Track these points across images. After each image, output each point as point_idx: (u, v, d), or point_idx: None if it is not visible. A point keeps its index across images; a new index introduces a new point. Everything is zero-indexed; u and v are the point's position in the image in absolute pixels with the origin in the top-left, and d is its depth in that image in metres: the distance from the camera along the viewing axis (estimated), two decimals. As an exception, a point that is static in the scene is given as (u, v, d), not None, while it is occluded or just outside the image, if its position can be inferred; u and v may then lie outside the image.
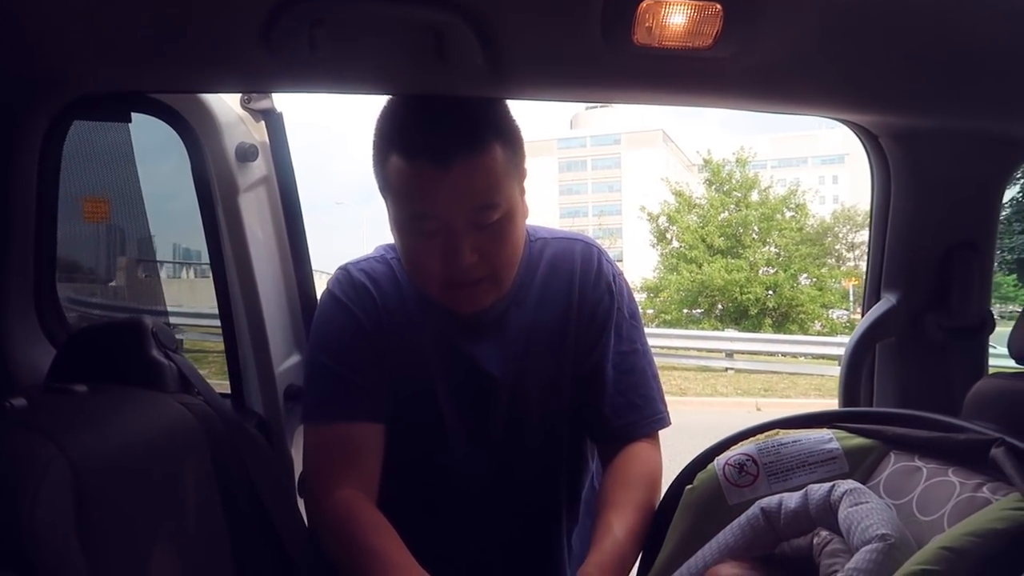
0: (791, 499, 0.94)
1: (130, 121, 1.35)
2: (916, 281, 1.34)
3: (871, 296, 1.39)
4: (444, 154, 1.03)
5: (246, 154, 1.39)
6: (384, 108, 1.11)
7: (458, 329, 1.20)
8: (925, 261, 1.32)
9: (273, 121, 1.46)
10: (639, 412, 1.22)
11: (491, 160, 1.06)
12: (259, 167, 1.44)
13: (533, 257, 1.23)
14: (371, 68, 1.04)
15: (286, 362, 1.53)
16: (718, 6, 0.88)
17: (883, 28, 0.93)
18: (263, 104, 1.43)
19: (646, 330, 1.32)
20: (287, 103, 1.24)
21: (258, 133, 1.45)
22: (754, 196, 19.00)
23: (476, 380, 1.21)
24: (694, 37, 0.92)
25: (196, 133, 1.35)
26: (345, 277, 1.22)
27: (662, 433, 1.26)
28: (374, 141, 1.10)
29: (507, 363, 1.21)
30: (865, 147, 1.33)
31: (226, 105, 1.38)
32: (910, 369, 1.36)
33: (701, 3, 0.88)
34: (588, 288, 1.23)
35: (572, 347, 1.22)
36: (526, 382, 1.22)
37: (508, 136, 1.09)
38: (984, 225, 1.33)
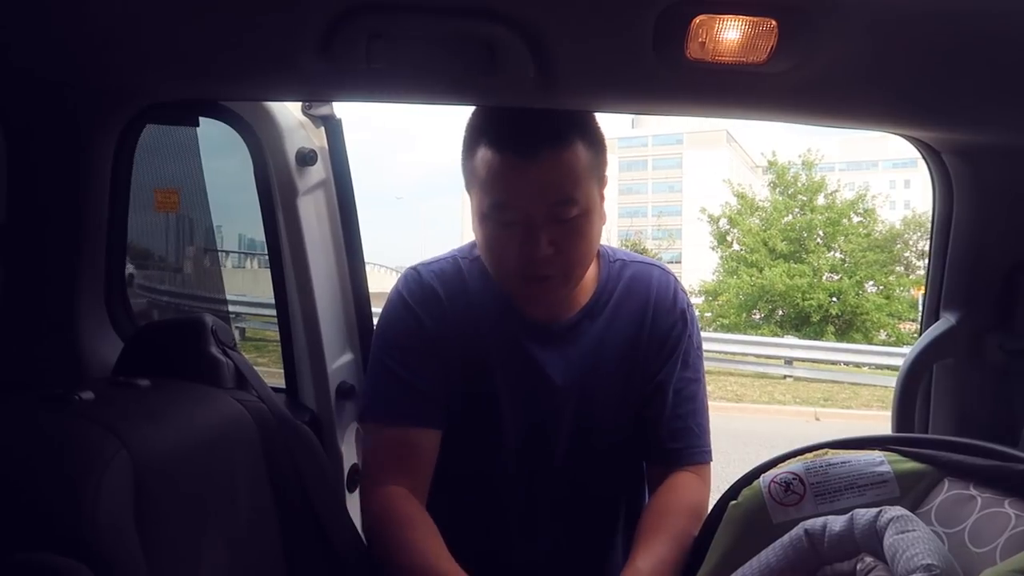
0: (836, 522, 0.92)
1: (198, 125, 1.41)
2: (978, 300, 1.29)
3: (929, 315, 1.35)
4: (530, 147, 1.08)
5: (306, 159, 1.43)
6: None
7: (527, 336, 1.22)
8: (988, 279, 1.27)
9: (332, 127, 1.50)
10: (694, 438, 1.24)
11: (574, 157, 1.10)
12: (318, 171, 1.48)
13: (612, 275, 1.26)
14: (425, 79, 1.06)
15: (339, 360, 1.56)
16: (773, 22, 0.87)
17: (942, 43, 0.90)
18: (323, 111, 1.47)
19: (704, 334, 1.33)
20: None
21: (318, 138, 1.49)
22: (820, 200, 18.48)
23: (540, 388, 1.23)
24: (748, 52, 0.91)
25: (259, 138, 1.40)
26: (414, 277, 1.25)
27: (715, 438, 1.27)
28: (465, 135, 1.16)
29: (573, 374, 1.22)
30: (926, 161, 1.29)
31: (288, 111, 1.43)
32: (969, 392, 1.31)
33: (756, 18, 0.87)
34: (663, 312, 1.25)
35: (640, 365, 1.24)
36: (591, 395, 1.23)
37: (592, 138, 1.13)
38: None
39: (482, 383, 1.23)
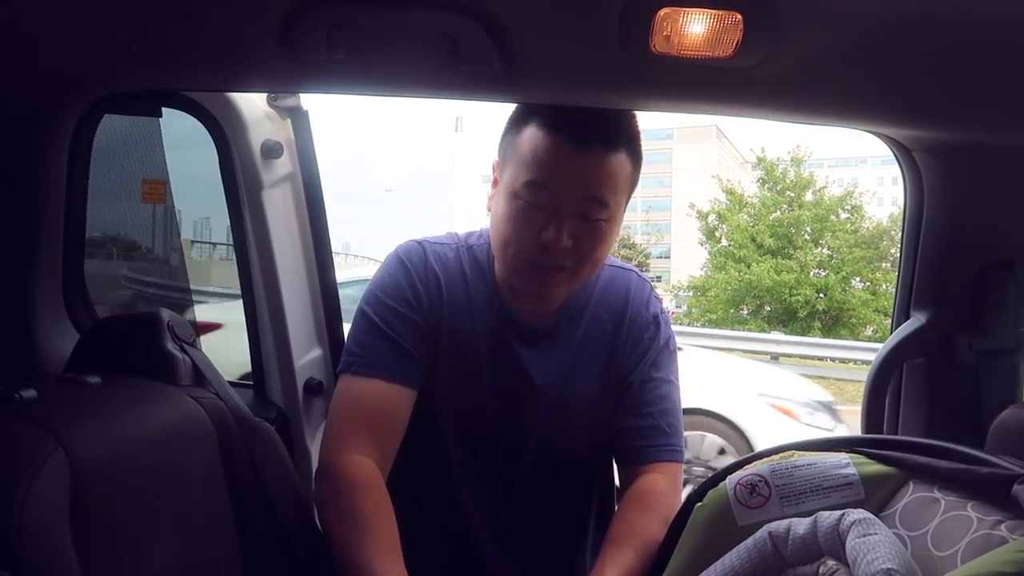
0: (800, 525, 0.91)
1: (160, 116, 1.38)
2: (948, 300, 1.28)
3: (900, 315, 1.34)
4: (585, 137, 1.09)
5: (271, 151, 1.41)
6: None
7: (513, 334, 1.23)
8: (959, 279, 1.27)
9: (299, 119, 1.48)
10: (664, 437, 1.24)
11: (618, 163, 1.12)
12: (284, 164, 1.46)
13: (589, 279, 1.26)
14: (388, 71, 1.04)
15: (307, 356, 1.55)
16: (738, 15, 0.85)
17: (915, 38, 0.88)
18: (289, 102, 1.45)
19: (691, 328, 1.34)
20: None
21: (284, 131, 1.47)
22: (808, 196, 18.59)
23: (520, 385, 1.24)
24: (714, 46, 0.90)
25: (223, 129, 1.38)
26: (418, 252, 1.25)
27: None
28: (515, 110, 1.17)
29: (553, 375, 1.24)
30: (898, 160, 1.28)
31: (253, 103, 1.40)
32: (939, 392, 1.30)
33: (721, 12, 0.85)
34: (638, 315, 1.28)
35: (617, 367, 1.26)
36: (568, 395, 1.25)
37: (635, 154, 1.15)
38: (1022, 243, 1.26)
39: (469, 372, 1.23)
